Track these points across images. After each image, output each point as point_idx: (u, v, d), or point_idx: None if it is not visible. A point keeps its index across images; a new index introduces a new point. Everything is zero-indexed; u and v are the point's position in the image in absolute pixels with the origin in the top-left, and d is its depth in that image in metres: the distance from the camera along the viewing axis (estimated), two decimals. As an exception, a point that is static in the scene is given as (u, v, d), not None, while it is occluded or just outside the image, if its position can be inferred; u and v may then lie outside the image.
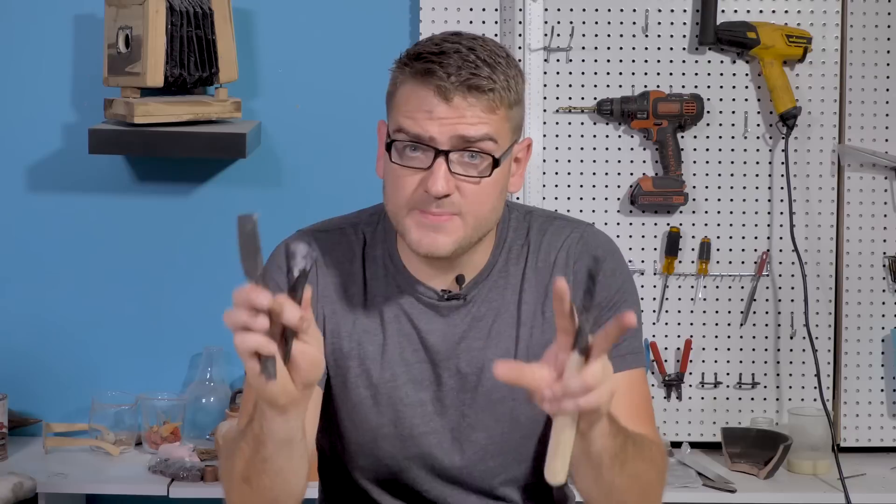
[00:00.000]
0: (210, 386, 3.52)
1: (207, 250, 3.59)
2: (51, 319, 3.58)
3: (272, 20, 3.57)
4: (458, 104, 1.91)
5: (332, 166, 3.58)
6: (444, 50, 1.93)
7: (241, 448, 1.85)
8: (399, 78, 1.97)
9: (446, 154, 1.92)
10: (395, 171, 1.95)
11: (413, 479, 2.09)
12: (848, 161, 3.56)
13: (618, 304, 2.05)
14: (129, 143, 3.30)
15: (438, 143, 1.92)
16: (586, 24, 3.52)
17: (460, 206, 1.94)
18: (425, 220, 1.94)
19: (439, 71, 1.91)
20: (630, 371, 2.04)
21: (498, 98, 1.93)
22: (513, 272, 2.07)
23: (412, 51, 1.97)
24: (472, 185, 1.94)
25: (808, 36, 3.49)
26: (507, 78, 1.94)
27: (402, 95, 1.96)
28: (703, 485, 3.30)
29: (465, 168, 1.93)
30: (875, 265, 3.58)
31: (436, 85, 1.91)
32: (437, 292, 2.04)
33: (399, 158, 1.95)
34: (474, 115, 1.92)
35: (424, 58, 1.93)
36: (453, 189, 1.93)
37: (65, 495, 3.29)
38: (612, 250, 2.10)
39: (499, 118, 1.94)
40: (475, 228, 1.97)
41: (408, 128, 1.93)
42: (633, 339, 2.05)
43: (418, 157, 1.94)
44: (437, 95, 1.91)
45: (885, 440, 3.60)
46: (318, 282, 2.05)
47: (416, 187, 1.94)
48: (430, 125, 1.91)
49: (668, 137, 3.49)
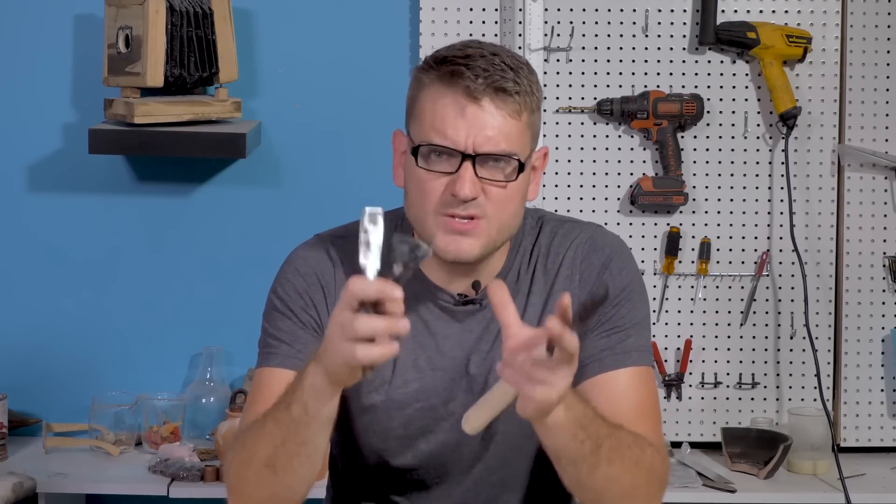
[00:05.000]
0: (210, 386, 3.52)
1: (207, 250, 3.59)
2: (51, 319, 3.58)
3: (272, 20, 3.57)
4: (485, 106, 1.93)
5: (332, 166, 3.58)
6: (470, 54, 1.95)
7: (266, 434, 1.87)
8: (423, 81, 1.98)
9: (473, 158, 1.94)
10: (421, 176, 1.97)
11: (421, 480, 2.11)
12: (848, 161, 3.56)
13: (622, 301, 2.05)
14: (129, 143, 3.31)
15: (465, 147, 1.93)
16: (586, 24, 3.52)
17: (485, 209, 1.96)
18: (450, 225, 1.96)
19: (467, 73, 1.93)
20: (635, 368, 2.04)
21: (522, 102, 1.96)
22: (523, 277, 2.08)
23: (436, 55, 1.99)
24: (499, 188, 1.96)
25: (808, 36, 3.49)
26: (530, 83, 1.97)
27: (427, 99, 1.97)
28: (703, 485, 3.30)
29: (491, 172, 1.96)
30: (875, 265, 3.58)
31: (464, 86, 1.93)
32: (454, 296, 2.05)
33: (425, 163, 1.96)
34: (501, 120, 1.94)
35: (451, 61, 1.95)
36: (479, 192, 1.95)
37: (65, 495, 3.29)
38: (621, 249, 2.10)
39: (522, 124, 1.97)
40: (499, 232, 1.99)
41: (436, 133, 1.94)
42: (637, 336, 2.05)
43: (444, 161, 1.95)
44: (465, 97, 1.93)
45: (885, 440, 3.60)
46: (335, 289, 2.06)
47: (443, 191, 1.95)
48: (458, 130, 1.93)
49: (668, 137, 3.49)
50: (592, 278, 2.06)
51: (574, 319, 1.67)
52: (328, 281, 2.06)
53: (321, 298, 2.05)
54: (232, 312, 3.57)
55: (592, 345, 2.03)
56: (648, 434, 1.99)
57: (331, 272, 2.07)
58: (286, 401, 1.85)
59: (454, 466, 2.09)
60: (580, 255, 2.08)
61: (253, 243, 3.56)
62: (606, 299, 1.73)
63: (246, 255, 3.57)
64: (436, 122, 1.95)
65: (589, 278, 2.06)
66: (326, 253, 2.09)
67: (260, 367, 2.05)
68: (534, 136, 2.01)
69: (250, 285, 3.44)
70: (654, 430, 2.02)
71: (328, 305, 2.05)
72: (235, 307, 3.56)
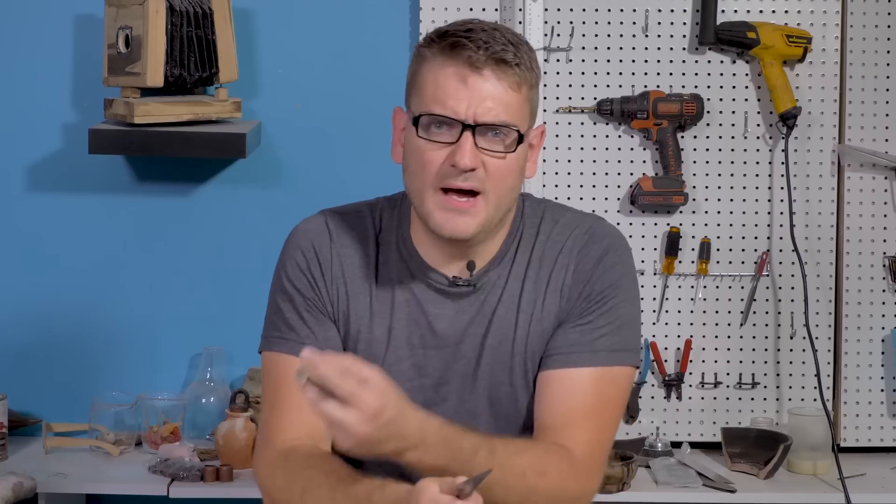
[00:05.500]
0: (210, 386, 3.52)
1: (207, 250, 3.59)
2: (51, 319, 3.58)
3: (272, 20, 3.57)
4: (487, 76, 1.95)
5: (332, 166, 3.58)
6: (472, 28, 1.98)
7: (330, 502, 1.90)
8: (425, 55, 2.01)
9: (473, 129, 1.95)
10: (421, 146, 1.98)
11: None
12: (848, 161, 3.56)
13: (605, 299, 2.05)
14: (129, 143, 3.31)
15: (465, 117, 1.95)
16: (586, 24, 3.52)
17: (484, 182, 1.97)
18: (448, 202, 1.97)
19: (469, 44, 1.95)
20: (600, 368, 2.03)
21: (522, 75, 1.97)
22: (519, 260, 2.08)
23: (438, 30, 2.02)
24: (498, 160, 1.97)
25: (808, 36, 3.49)
26: (530, 59, 2.00)
27: (429, 72, 1.99)
28: (703, 485, 3.30)
29: (490, 143, 1.97)
30: (875, 265, 3.58)
31: (466, 56, 1.95)
32: (448, 278, 2.06)
33: (426, 133, 1.98)
34: (502, 90, 1.96)
35: (452, 33, 1.98)
36: (479, 163, 1.96)
37: (65, 495, 3.29)
38: (619, 244, 2.10)
39: (522, 97, 1.98)
40: (496, 208, 2.00)
41: (437, 104, 1.96)
42: (613, 335, 2.04)
43: (445, 132, 1.97)
44: (467, 66, 1.95)
45: (885, 440, 3.60)
46: (332, 263, 2.08)
47: (443, 162, 1.96)
48: (458, 101, 1.95)
49: (668, 137, 3.49)
50: (587, 269, 2.06)
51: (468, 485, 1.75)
52: (325, 256, 2.09)
53: (320, 275, 2.08)
54: (232, 312, 3.57)
55: (563, 337, 2.04)
56: (580, 441, 1.98)
57: (328, 245, 2.09)
58: (369, 497, 1.87)
59: None
60: (578, 245, 2.08)
61: (253, 243, 3.56)
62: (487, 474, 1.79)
63: (246, 255, 3.57)
64: (437, 92, 1.96)
65: (584, 269, 2.06)
66: (326, 226, 2.11)
67: (269, 350, 2.08)
68: (532, 113, 2.02)
69: (250, 285, 3.45)
70: (591, 436, 2.01)
71: (325, 281, 2.07)
72: (235, 307, 3.56)
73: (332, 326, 2.07)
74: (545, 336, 2.06)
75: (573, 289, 2.06)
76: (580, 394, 2.02)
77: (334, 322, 2.08)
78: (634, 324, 2.10)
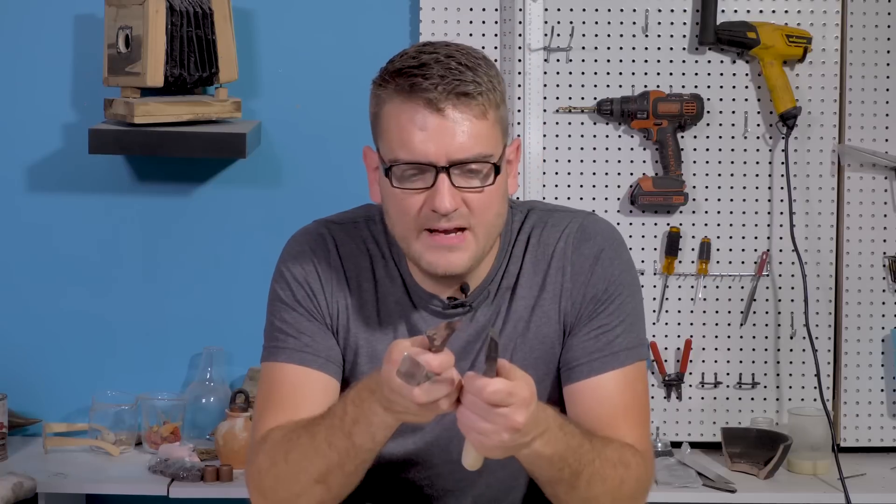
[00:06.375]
0: (210, 386, 3.52)
1: (207, 250, 3.59)
2: (51, 319, 3.58)
3: (272, 20, 3.57)
4: (449, 115, 1.89)
5: (332, 166, 3.58)
6: (424, 61, 1.91)
7: (320, 455, 1.88)
8: (382, 97, 1.95)
9: (447, 170, 1.90)
10: (397, 195, 1.93)
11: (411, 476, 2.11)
12: (848, 161, 3.56)
13: (612, 297, 2.04)
14: (129, 143, 3.31)
15: (437, 159, 1.89)
16: (586, 24, 3.52)
17: (468, 218, 1.93)
18: (435, 241, 1.93)
19: (424, 83, 1.89)
20: (624, 369, 2.03)
21: (486, 101, 1.91)
22: (511, 271, 2.06)
23: (389, 68, 1.95)
24: (477, 194, 1.92)
25: (808, 36, 3.49)
26: (490, 78, 1.92)
27: (389, 115, 1.93)
28: (703, 485, 3.30)
29: (467, 179, 1.92)
30: (875, 265, 3.58)
31: (424, 98, 1.89)
32: (444, 301, 2.04)
33: (400, 183, 1.93)
34: (468, 124, 1.90)
35: (406, 72, 1.91)
36: (460, 203, 1.92)
37: (65, 495, 3.29)
38: (612, 238, 2.08)
39: (490, 123, 1.92)
40: (486, 237, 1.96)
41: (405, 153, 1.90)
42: (626, 333, 2.04)
43: (419, 179, 1.92)
44: (426, 108, 1.89)
45: (885, 440, 3.60)
46: (331, 275, 2.06)
47: (422, 207, 1.92)
48: (426, 144, 1.89)
49: (668, 137, 3.49)
50: (584, 270, 2.04)
51: (486, 360, 1.73)
52: (324, 268, 2.06)
53: (319, 287, 2.05)
54: (232, 312, 3.57)
55: (581, 347, 2.03)
56: (634, 437, 1.99)
57: (325, 257, 2.07)
58: (345, 429, 1.86)
59: (443, 470, 2.10)
60: (571, 246, 2.05)
61: (253, 243, 3.56)
62: (498, 346, 1.77)
63: (246, 255, 3.57)
64: (403, 136, 1.90)
65: (580, 270, 2.04)
66: (322, 237, 2.08)
67: (268, 360, 2.06)
68: (504, 131, 1.96)
69: (250, 285, 3.45)
70: (640, 431, 2.01)
71: (324, 291, 2.05)
72: (235, 307, 3.56)
73: (331, 337, 2.05)
74: (546, 341, 2.05)
75: (575, 291, 2.04)
76: (614, 396, 2.01)
77: (334, 334, 2.06)
78: (641, 315, 2.09)
